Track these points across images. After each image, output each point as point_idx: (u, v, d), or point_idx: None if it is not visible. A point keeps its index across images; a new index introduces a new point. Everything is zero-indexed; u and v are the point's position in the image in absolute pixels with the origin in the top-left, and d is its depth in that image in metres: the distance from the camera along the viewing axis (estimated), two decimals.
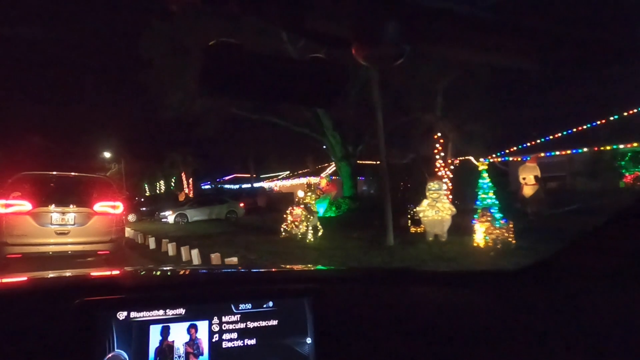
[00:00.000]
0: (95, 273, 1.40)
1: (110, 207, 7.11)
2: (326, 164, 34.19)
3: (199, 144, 35.16)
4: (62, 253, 6.68)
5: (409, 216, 11.09)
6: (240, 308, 1.08)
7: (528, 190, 13.08)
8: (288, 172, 39.50)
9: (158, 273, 1.52)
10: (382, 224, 9.06)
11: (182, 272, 1.52)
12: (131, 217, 23.02)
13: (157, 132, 33.90)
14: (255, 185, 35.53)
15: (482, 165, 7.95)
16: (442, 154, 13.52)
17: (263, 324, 1.09)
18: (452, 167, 13.75)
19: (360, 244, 8.98)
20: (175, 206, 20.38)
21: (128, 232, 13.52)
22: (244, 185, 41.68)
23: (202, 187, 39.85)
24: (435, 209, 8.39)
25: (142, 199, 27.08)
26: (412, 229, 10.34)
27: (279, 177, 36.07)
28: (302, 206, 11.46)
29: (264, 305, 1.10)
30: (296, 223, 10.86)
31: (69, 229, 6.73)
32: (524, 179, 13.11)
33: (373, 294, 1.24)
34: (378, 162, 27.10)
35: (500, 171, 18.02)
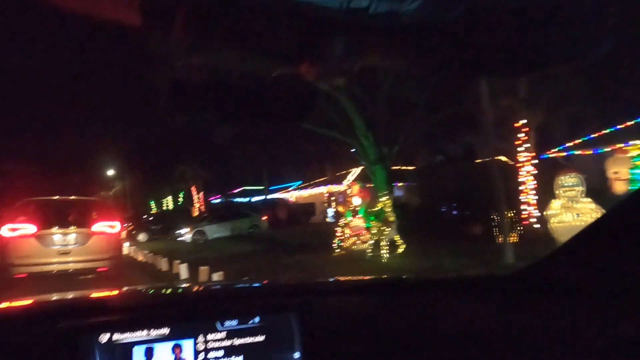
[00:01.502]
0: (79, 295, 1.37)
1: (108, 227, 7.48)
2: (344, 171, 32.10)
3: (208, 156, 33.12)
4: (64, 271, 7.10)
5: (494, 223, 8.96)
6: (225, 325, 1.07)
7: (621, 186, 10.93)
8: (300, 183, 37.45)
9: (142, 292, 1.45)
10: (463, 235, 6.89)
11: (166, 291, 1.48)
12: (142, 237, 20.86)
13: (162, 146, 31.89)
14: (270, 196, 33.35)
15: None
16: (525, 146, 11.37)
17: (250, 340, 1.07)
18: (533, 162, 11.57)
19: (466, 263, 6.74)
20: (191, 222, 18.20)
21: (144, 255, 11.37)
22: (254, 198, 39.50)
23: (211, 201, 37.64)
24: (573, 211, 6.24)
25: (152, 217, 24.87)
26: (499, 238, 8.25)
27: (294, 188, 33.88)
28: (360, 215, 9.30)
29: (250, 321, 1.08)
30: (361, 237, 8.66)
31: (70, 248, 7.16)
32: (615, 172, 10.96)
33: (363, 306, 1.21)
34: (413, 167, 25.02)
35: (560, 167, 15.92)
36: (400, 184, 24.79)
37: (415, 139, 18.88)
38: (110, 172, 41.81)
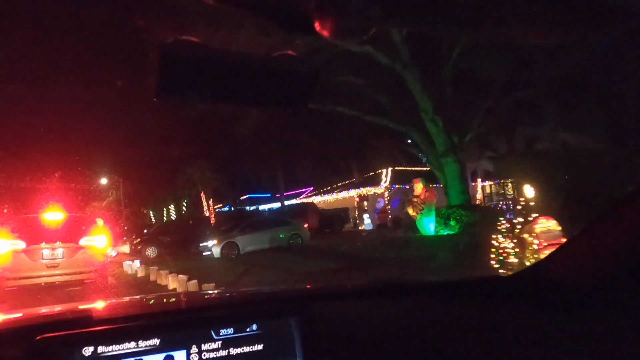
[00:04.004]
0: (62, 308, 1.28)
1: (94, 242, 8.04)
2: (372, 172, 28.60)
3: (216, 159, 29.38)
4: (52, 283, 7.59)
5: None
6: (221, 334, 1.02)
7: None
8: (312, 188, 33.93)
9: (129, 303, 1.42)
10: None
11: (155, 300, 1.44)
12: (150, 252, 17.03)
13: (163, 148, 28.19)
14: (288, 202, 29.64)
15: None
16: None
17: (247, 349, 1.03)
18: None
19: None
20: (213, 233, 14.46)
21: (169, 278, 8.11)
22: (261, 207, 35.78)
23: (217, 210, 33.77)
24: None
25: (159, 227, 21.00)
26: None
27: (311, 193, 30.25)
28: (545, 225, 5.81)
29: (248, 329, 1.04)
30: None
31: (58, 262, 7.64)
32: None
33: (363, 310, 1.20)
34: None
35: None
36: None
37: (491, 125, 15.49)
38: (103, 181, 38.07)
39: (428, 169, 26.52)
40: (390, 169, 25.77)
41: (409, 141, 17.66)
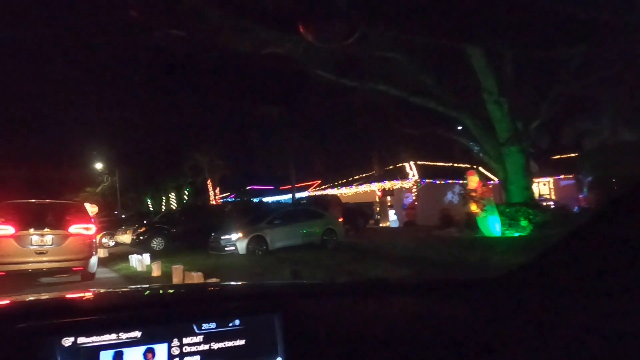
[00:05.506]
0: (44, 296, 1.24)
1: (83, 229, 8.03)
2: (391, 166, 26.53)
3: (222, 145, 27.15)
4: (40, 270, 7.64)
5: None
6: (203, 328, 0.99)
7: None
8: (319, 181, 31.83)
9: (112, 294, 1.41)
10: None
11: (139, 292, 1.42)
12: (156, 244, 14.84)
13: (164, 132, 25.91)
14: (304, 194, 27.50)
15: None
16: None
17: (229, 344, 1.00)
18: None
19: None
20: (235, 225, 12.26)
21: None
22: (265, 198, 33.59)
23: (222, 199, 31.45)
24: None
25: (165, 215, 18.73)
26: None
27: (330, 185, 28.11)
28: None
29: (230, 324, 1.01)
30: None
31: (47, 249, 7.63)
32: None
33: (347, 308, 1.17)
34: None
35: None
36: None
37: (562, 111, 13.44)
38: (98, 166, 35.66)
39: (458, 164, 24.69)
40: (412, 162, 23.76)
41: (459, 128, 15.52)
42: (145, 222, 17.71)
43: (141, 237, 15.26)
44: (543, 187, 22.53)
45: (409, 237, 13.58)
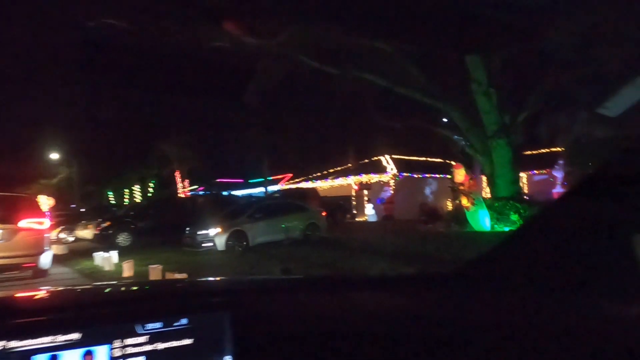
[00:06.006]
0: None
1: (35, 224, 7.59)
2: (366, 160, 26.13)
3: (191, 135, 25.76)
4: None
5: None
6: (147, 328, 0.93)
7: None
8: (290, 174, 31.11)
9: (48, 293, 1.26)
10: None
11: (78, 291, 1.34)
12: (122, 240, 13.70)
13: (128, 120, 24.29)
14: (278, 188, 26.65)
15: None
16: None
17: (175, 344, 0.94)
18: None
19: None
20: (212, 219, 11.35)
21: None
22: (235, 192, 32.55)
23: (190, 192, 30.05)
24: None
25: (131, 209, 17.39)
26: None
27: (304, 178, 27.40)
28: None
29: (177, 323, 0.95)
30: None
31: None
32: None
33: (301, 305, 1.12)
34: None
35: None
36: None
37: (549, 103, 13.30)
38: (54, 156, 33.32)
39: (433, 158, 24.57)
40: (388, 156, 23.45)
41: (444, 120, 15.20)
42: (108, 215, 16.39)
43: (105, 232, 14.05)
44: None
45: (395, 232, 13.13)
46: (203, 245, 10.54)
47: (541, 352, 0.91)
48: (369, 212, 20.23)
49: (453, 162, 23.89)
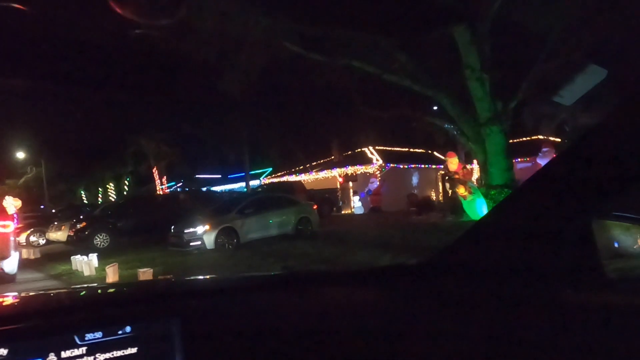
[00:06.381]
0: None
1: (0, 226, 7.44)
2: (350, 152, 25.73)
3: (168, 130, 24.74)
4: None
5: None
6: (86, 338, 0.86)
7: None
8: (270, 169, 30.47)
9: None
10: None
11: (7, 301, 1.15)
12: (100, 241, 12.86)
13: (101, 116, 23.09)
14: (263, 181, 25.94)
15: None
16: None
17: (118, 354, 0.88)
18: None
19: None
20: (202, 215, 10.69)
21: None
22: (214, 188, 31.72)
23: (168, 189, 28.97)
24: None
25: (108, 208, 16.43)
26: None
27: (286, 172, 26.80)
28: None
29: (119, 332, 0.89)
30: None
31: None
32: None
33: (256, 305, 1.06)
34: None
35: None
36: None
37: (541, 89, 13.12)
38: (20, 155, 31.57)
39: (415, 149, 24.38)
40: (372, 147, 23.13)
41: (435, 108, 14.90)
42: (82, 216, 15.41)
43: (81, 234, 13.15)
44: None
45: (388, 224, 12.76)
46: (191, 244, 9.89)
47: (503, 341, 0.90)
48: (356, 204, 19.86)
49: (436, 153, 23.83)
